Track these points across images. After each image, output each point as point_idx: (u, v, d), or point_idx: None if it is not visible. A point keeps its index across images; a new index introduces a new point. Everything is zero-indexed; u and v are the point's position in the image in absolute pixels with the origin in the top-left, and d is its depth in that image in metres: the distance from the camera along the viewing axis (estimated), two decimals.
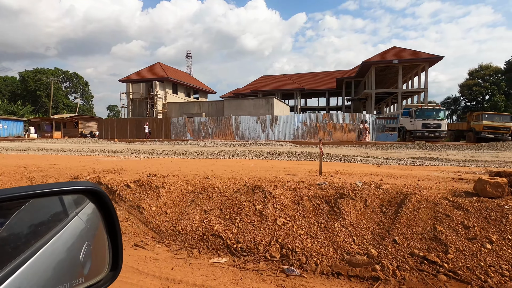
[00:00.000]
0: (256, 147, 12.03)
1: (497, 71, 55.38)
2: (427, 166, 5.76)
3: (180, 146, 13.13)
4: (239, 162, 6.28)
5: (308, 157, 7.21)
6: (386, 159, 6.74)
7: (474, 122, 24.05)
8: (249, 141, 17.70)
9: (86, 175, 4.44)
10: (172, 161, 6.61)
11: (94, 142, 17.74)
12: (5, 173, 4.99)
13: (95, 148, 10.26)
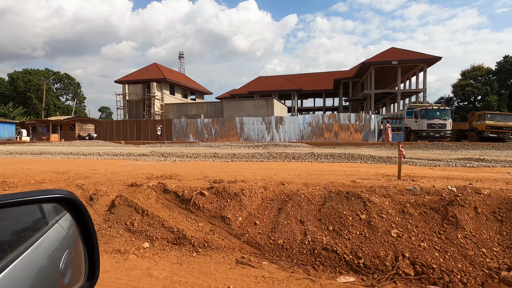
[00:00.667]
0: (276, 149, 11.74)
1: (488, 72, 56.68)
2: (482, 168, 5.58)
3: (196, 148, 12.73)
4: (287, 165, 5.99)
5: (350, 159, 6.96)
6: (432, 160, 6.56)
7: (477, 122, 24.37)
8: (264, 143, 17.41)
9: (142, 181, 4.06)
10: (213, 164, 6.25)
11: (102, 145, 17.09)
12: (46, 180, 4.55)
13: (113, 151, 9.75)
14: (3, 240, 0.67)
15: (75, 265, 0.85)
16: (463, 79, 59.00)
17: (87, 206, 3.67)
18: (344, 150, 11.63)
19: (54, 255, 0.78)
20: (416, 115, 22.65)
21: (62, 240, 0.83)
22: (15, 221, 0.72)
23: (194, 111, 40.76)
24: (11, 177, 4.76)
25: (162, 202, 3.56)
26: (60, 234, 0.82)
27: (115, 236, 3.08)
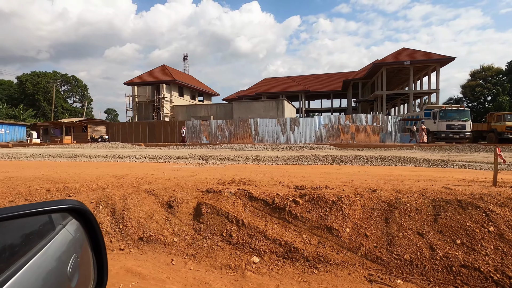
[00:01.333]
0: (303, 151, 11.47)
1: (498, 72, 56.03)
2: None
3: (221, 150, 12.49)
4: (344, 169, 5.73)
5: (402, 162, 6.69)
6: (490, 164, 6.28)
7: (496, 123, 23.96)
8: (282, 144, 17.13)
9: (216, 187, 3.82)
10: (268, 168, 5.99)
11: (122, 147, 16.92)
12: (109, 185, 4.32)
13: (146, 154, 9.51)
14: (14, 245, 0.69)
15: (82, 269, 0.87)
16: (473, 79, 58.41)
17: (168, 214, 3.43)
18: (374, 152, 11.34)
19: (61, 260, 0.79)
20: (434, 116, 22.30)
21: (69, 245, 0.85)
22: (24, 227, 0.73)
23: (203, 112, 40.65)
24: (70, 182, 4.54)
25: (251, 210, 3.31)
26: (67, 238, 0.84)
27: (215, 249, 2.83)
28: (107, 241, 3.11)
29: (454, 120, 21.74)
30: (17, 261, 0.63)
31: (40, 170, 6.12)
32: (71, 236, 0.86)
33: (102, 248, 0.91)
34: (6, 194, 4.21)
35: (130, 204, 3.65)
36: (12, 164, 7.67)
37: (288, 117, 26.08)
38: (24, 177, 5.01)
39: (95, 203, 3.81)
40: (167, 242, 3.00)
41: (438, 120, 21.99)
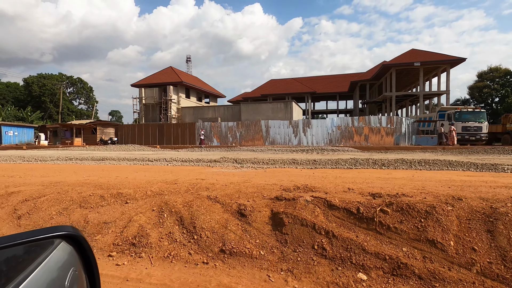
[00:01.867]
0: (328, 154, 11.24)
1: (506, 73, 55.60)
2: None
3: (244, 153, 12.27)
4: (397, 173, 5.49)
5: (448, 166, 6.44)
6: None
7: (511, 125, 23.65)
8: (294, 147, 16.90)
9: (285, 194, 3.60)
10: (315, 173, 5.76)
11: (139, 149, 16.75)
12: (164, 191, 4.11)
13: (173, 157, 9.28)
14: (15, 260, 0.71)
15: (80, 282, 0.89)
16: (480, 80, 58.03)
17: (242, 223, 3.21)
18: (397, 155, 11.09)
19: (60, 274, 0.80)
20: (449, 118, 22.02)
21: (67, 258, 0.86)
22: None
23: (210, 114, 40.56)
24: (121, 187, 4.34)
25: (334, 220, 3.09)
26: (65, 252, 0.85)
27: (311, 264, 2.61)
28: (185, 253, 2.90)
29: (469, 121, 21.46)
30: (18, 276, 0.64)
31: (78, 174, 5.92)
32: (69, 249, 0.87)
33: (96, 274, 0.93)
34: (59, 201, 4.01)
35: (197, 213, 3.43)
36: (44, 167, 7.48)
37: (300, 119, 25.88)
38: (70, 182, 4.81)
39: (157, 211, 3.61)
40: (253, 255, 2.78)
41: (454, 122, 21.71)
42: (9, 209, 3.96)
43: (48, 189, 4.43)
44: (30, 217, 3.72)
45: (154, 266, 2.74)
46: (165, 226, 3.33)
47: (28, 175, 5.84)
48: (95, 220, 3.51)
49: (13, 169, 7.24)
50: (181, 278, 2.48)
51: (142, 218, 3.46)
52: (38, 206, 3.92)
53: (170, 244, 3.05)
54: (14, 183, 4.91)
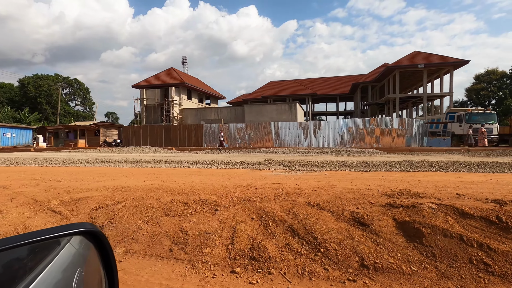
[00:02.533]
0: (358, 156, 11.00)
1: (503, 76, 56.56)
2: None
3: (271, 155, 11.93)
4: (468, 176, 5.26)
5: (510, 169, 6.26)
6: None
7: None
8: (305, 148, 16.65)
9: (399, 201, 3.30)
10: (384, 176, 5.47)
11: (156, 151, 16.26)
12: (251, 197, 3.76)
13: (206, 159, 8.84)
14: (23, 261, 0.72)
15: (86, 282, 0.89)
16: (477, 83, 58.94)
17: (367, 234, 2.90)
18: (429, 157, 10.92)
19: (67, 274, 0.81)
20: (460, 120, 22.09)
21: (73, 259, 0.86)
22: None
23: (213, 115, 40.22)
24: (201, 193, 3.98)
25: (473, 230, 2.80)
26: (71, 252, 0.85)
27: (482, 282, 2.31)
28: (319, 268, 2.57)
29: (479, 123, 21.53)
30: (26, 277, 0.65)
31: (133, 178, 5.49)
32: (74, 250, 0.87)
33: (114, 269, 0.94)
34: (139, 208, 3.63)
35: (308, 222, 3.11)
36: (85, 171, 7.00)
37: (310, 121, 25.71)
38: (137, 187, 4.42)
39: (258, 219, 3.27)
40: (404, 271, 2.47)
41: (464, 124, 21.77)
42: (84, 218, 3.58)
43: (118, 195, 4.05)
44: (114, 227, 3.34)
45: (294, 284, 2.41)
46: (277, 237, 3.00)
47: (78, 180, 5.41)
48: (193, 230, 3.16)
49: (52, 172, 6.78)
50: None
51: (246, 227, 3.13)
52: (117, 214, 3.54)
53: (296, 258, 2.72)
54: (73, 188, 4.50)
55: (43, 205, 3.92)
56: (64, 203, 3.94)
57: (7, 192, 4.43)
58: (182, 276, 2.50)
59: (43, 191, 4.42)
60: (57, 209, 3.80)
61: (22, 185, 4.95)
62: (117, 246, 3.02)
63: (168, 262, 2.78)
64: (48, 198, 4.09)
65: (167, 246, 2.98)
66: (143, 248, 2.99)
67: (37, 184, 4.94)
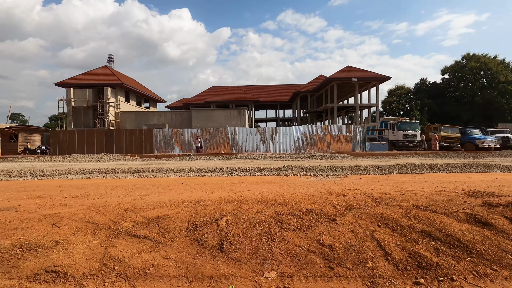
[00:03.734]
0: (333, 161, 11.71)
1: (408, 91, 67.94)
2: None
3: (258, 161, 11.64)
4: (476, 176, 6.11)
5: (488, 169, 7.51)
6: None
7: (432, 133, 28.87)
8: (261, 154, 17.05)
9: (485, 200, 3.67)
10: (429, 177, 5.89)
11: (119, 159, 14.00)
12: (355, 204, 3.65)
13: (203, 167, 7.97)
14: None
15: None
16: (390, 96, 69.38)
17: (491, 231, 3.13)
18: (400, 160, 12.38)
19: None
20: (392, 127, 25.63)
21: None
22: None
23: (156, 120, 37.73)
24: (297, 204, 3.66)
25: None
26: None
27: None
28: (487, 269, 2.66)
29: (408, 130, 25.37)
30: None
31: (175, 191, 4.61)
32: None
33: None
34: (249, 224, 3.14)
35: (435, 225, 3.19)
36: (95, 184, 5.55)
37: (267, 127, 26.23)
38: (212, 200, 3.78)
39: (384, 226, 3.20)
40: None
41: (396, 131, 25.34)
42: (185, 241, 2.93)
43: (204, 210, 3.43)
44: (239, 248, 2.82)
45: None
46: (420, 243, 2.98)
47: (108, 195, 4.33)
48: (333, 243, 2.90)
49: (42, 187, 5.24)
50: None
51: (384, 236, 3.03)
52: (230, 232, 3.00)
53: (458, 262, 2.75)
54: (131, 205, 3.60)
55: (112, 229, 3.07)
56: (140, 224, 3.16)
57: (34, 216, 3.33)
58: None
59: (91, 211, 3.45)
60: (138, 233, 3.02)
61: (40, 206, 3.76)
62: (263, 271, 2.57)
63: (338, 281, 2.50)
64: (111, 220, 3.22)
65: (322, 264, 2.67)
66: (296, 270, 2.61)
67: (66, 203, 3.82)
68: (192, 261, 2.66)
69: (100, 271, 2.49)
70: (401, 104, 67.48)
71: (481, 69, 53.42)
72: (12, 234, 2.90)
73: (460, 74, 56.68)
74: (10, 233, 2.93)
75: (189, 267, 2.58)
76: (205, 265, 2.60)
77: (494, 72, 51.63)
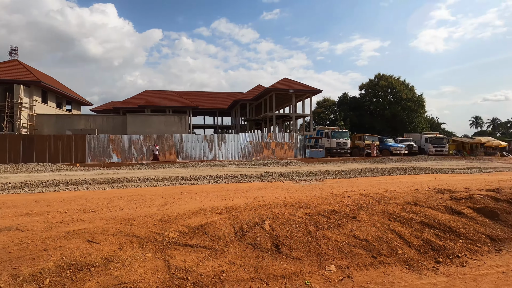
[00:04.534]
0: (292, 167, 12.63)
1: (333, 103, 76.03)
2: (489, 174, 9.16)
3: (231, 168, 11.50)
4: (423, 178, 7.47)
5: (421, 171, 9.20)
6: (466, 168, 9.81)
7: (358, 141, 33.06)
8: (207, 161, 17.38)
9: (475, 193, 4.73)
10: (396, 179, 6.85)
11: (60, 169, 11.77)
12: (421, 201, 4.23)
13: (194, 174, 7.50)
14: None
15: None
16: (318, 107, 76.56)
17: (464, 219, 4.09)
18: (342, 165, 14.00)
19: None
20: (328, 136, 28.54)
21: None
22: None
23: (83, 124, 33.93)
24: (316, 206, 4.04)
25: (508, 207, 4.51)
26: None
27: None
28: (476, 247, 3.51)
29: (340, 139, 28.56)
30: None
31: (189, 200, 4.36)
32: None
33: None
34: (292, 226, 3.39)
35: (429, 216, 4.00)
36: (88, 196, 4.68)
37: (215, 134, 26.09)
38: (239, 206, 3.81)
39: (394, 220, 3.86)
40: (505, 238, 3.77)
41: (331, 139, 28.28)
42: (241, 246, 3.02)
43: (238, 217, 3.52)
44: (298, 248, 3.07)
45: (485, 258, 3.25)
46: (425, 231, 3.71)
47: (120, 208, 3.88)
48: (369, 237, 3.40)
49: (48, 201, 4.28)
50: None
51: (402, 230, 3.68)
52: (279, 234, 3.21)
53: (454, 243, 3.54)
54: (161, 215, 3.40)
55: (159, 241, 2.95)
56: (186, 234, 3.09)
57: (54, 234, 2.94)
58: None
59: (121, 224, 3.19)
60: (190, 242, 2.97)
61: (48, 223, 3.27)
62: (324, 266, 2.89)
63: (384, 267, 2.98)
64: (153, 232, 3.07)
65: (365, 255, 3.12)
66: (348, 262, 2.99)
67: (81, 218, 3.40)
68: (256, 263, 2.80)
69: (174, 283, 2.44)
70: (327, 115, 75.05)
71: (388, 87, 63.44)
72: (47, 255, 2.57)
73: (373, 90, 66.15)
74: (42, 254, 2.58)
75: (258, 269, 2.72)
76: (271, 266, 2.78)
77: (398, 90, 61.91)
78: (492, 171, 10.16)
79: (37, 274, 2.25)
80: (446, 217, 4.06)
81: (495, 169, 10.41)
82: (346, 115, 67.41)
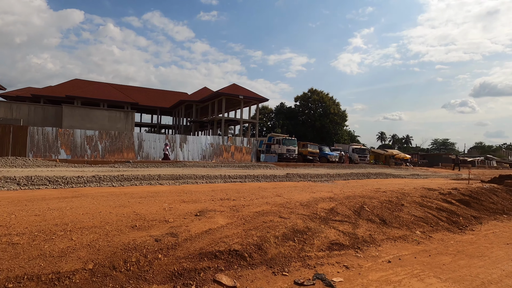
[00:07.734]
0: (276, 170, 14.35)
1: (271, 111, 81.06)
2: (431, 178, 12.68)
3: (224, 169, 12.15)
4: (393, 181, 10.02)
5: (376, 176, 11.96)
6: (411, 175, 13.00)
7: (302, 148, 36.85)
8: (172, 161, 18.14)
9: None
10: (383, 182, 9.02)
11: (41, 165, 10.12)
12: None
13: (207, 173, 8.00)
14: None
15: None
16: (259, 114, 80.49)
17: (454, 207, 6.48)
18: (318, 170, 16.40)
19: None
20: (279, 142, 31.28)
21: None
22: None
23: (2, 113, 29.34)
24: (368, 197, 5.80)
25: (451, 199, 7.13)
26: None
27: (485, 212, 6.51)
28: (458, 222, 5.82)
29: (290, 145, 31.63)
30: None
31: (245, 196, 5.39)
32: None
33: None
34: (385, 208, 5.06)
35: (431, 204, 6.24)
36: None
37: (177, 135, 25.80)
38: (298, 200, 5.20)
39: (416, 205, 5.95)
40: (481, 218, 6.25)
41: (281, 145, 31.09)
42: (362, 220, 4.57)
43: (315, 206, 5.05)
44: (388, 220, 4.75)
45: (455, 233, 5.53)
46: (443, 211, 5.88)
47: (196, 201, 4.75)
48: (423, 216, 5.33)
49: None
50: None
51: (431, 211, 5.77)
52: (369, 213, 4.85)
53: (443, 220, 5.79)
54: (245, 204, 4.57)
55: (321, 218, 4.28)
56: (328, 213, 4.48)
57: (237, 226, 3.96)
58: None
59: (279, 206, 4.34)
60: (336, 219, 4.38)
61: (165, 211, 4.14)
62: (414, 231, 4.66)
63: (453, 233, 4.93)
64: (290, 211, 4.35)
65: (434, 223, 5.03)
66: (423, 229, 4.84)
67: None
68: (379, 230, 4.41)
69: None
70: (265, 122, 79.62)
71: (319, 101, 71.27)
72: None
73: (307, 103, 73.34)
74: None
75: (384, 233, 4.34)
76: (389, 232, 4.43)
77: (328, 105, 70.20)
78: (425, 177, 13.89)
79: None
80: (446, 205, 6.36)
81: (426, 176, 14.30)
82: (284, 123, 72.89)
